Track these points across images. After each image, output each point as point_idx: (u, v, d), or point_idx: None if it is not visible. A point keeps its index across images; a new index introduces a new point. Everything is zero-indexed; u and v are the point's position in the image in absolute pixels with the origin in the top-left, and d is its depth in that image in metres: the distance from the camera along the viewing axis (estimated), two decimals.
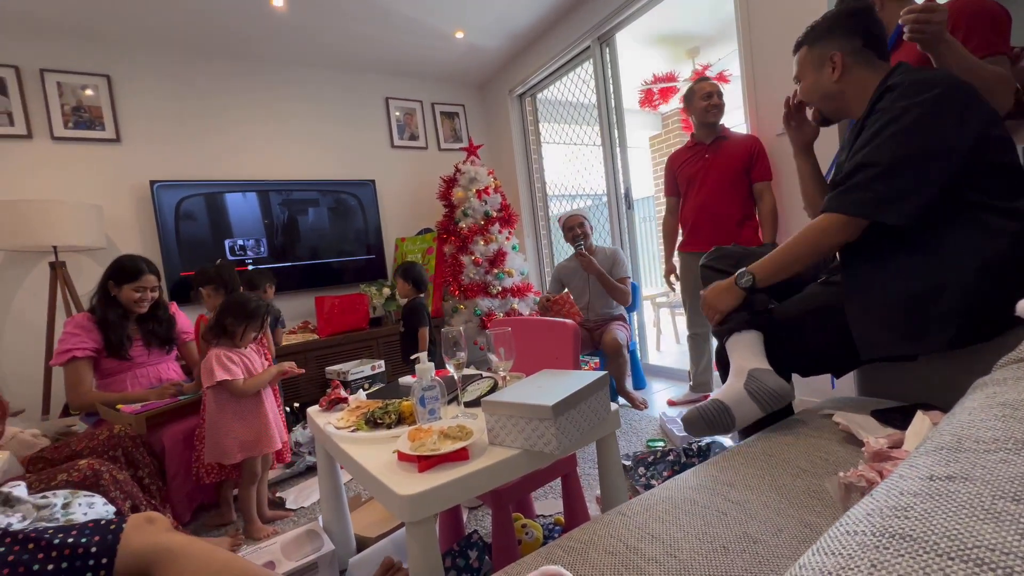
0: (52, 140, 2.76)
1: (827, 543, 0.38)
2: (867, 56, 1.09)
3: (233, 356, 1.67)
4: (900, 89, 0.97)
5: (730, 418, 1.09)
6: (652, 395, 2.79)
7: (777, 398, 1.08)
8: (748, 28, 2.25)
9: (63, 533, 0.87)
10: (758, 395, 1.08)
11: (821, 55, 1.12)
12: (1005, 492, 0.35)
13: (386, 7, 2.88)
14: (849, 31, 1.09)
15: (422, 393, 1.05)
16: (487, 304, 3.26)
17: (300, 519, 1.78)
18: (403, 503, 0.80)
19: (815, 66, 1.14)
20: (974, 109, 0.94)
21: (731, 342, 1.20)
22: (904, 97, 0.96)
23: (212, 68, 3.20)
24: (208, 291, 2.13)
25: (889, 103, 0.98)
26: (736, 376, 1.14)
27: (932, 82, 0.95)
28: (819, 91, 1.15)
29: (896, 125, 0.95)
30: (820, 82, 1.14)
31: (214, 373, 1.60)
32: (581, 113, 3.55)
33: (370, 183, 3.68)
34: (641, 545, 0.74)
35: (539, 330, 1.67)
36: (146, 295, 1.94)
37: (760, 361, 1.14)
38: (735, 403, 1.10)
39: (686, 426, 1.15)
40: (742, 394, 1.10)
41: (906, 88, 0.97)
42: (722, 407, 1.10)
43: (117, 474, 1.42)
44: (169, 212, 2.98)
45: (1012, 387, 0.54)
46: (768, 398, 1.08)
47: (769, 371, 1.11)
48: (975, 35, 1.17)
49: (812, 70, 1.15)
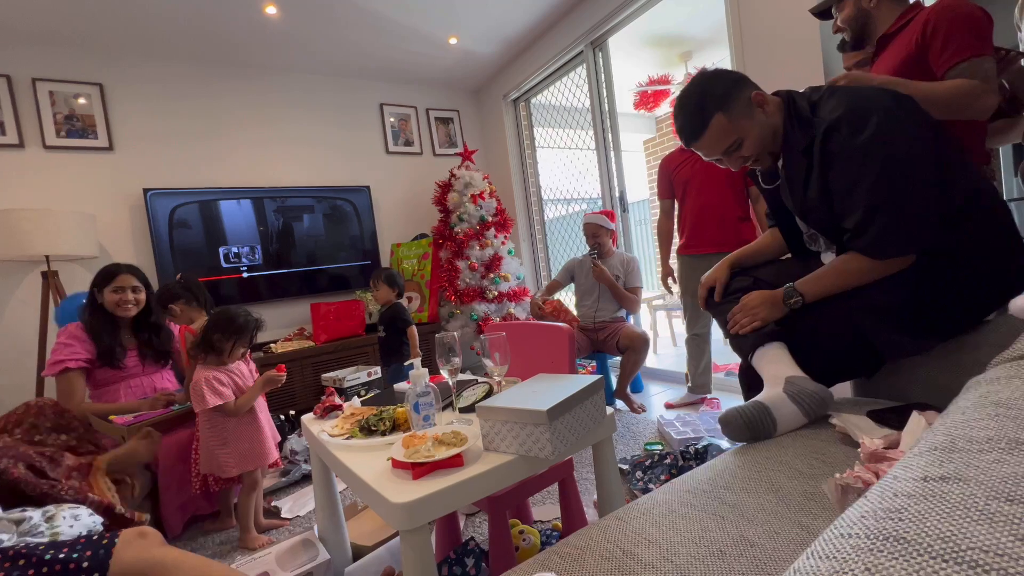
0: (44, 149, 2.75)
1: (822, 547, 0.38)
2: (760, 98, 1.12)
3: (221, 377, 1.62)
4: (844, 128, 1.00)
5: (771, 420, 1.02)
6: (649, 398, 2.78)
7: (819, 401, 1.04)
8: (739, 32, 2.26)
9: (54, 549, 0.86)
10: (800, 398, 1.04)
11: (743, 107, 1.10)
12: (999, 493, 0.35)
13: (380, 14, 2.89)
14: (741, 83, 1.12)
15: (416, 399, 1.05)
16: (483, 309, 3.25)
17: (295, 528, 1.77)
18: (397, 511, 0.79)
19: (745, 119, 1.11)
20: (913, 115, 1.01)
21: (759, 355, 1.17)
22: (854, 134, 0.99)
23: (206, 76, 3.20)
24: (180, 306, 2.01)
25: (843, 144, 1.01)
26: (772, 384, 1.10)
27: (866, 111, 0.99)
28: (767, 131, 1.13)
29: (872, 163, 0.98)
30: (764, 123, 1.12)
31: (204, 399, 1.56)
32: (575, 117, 3.56)
33: (365, 189, 3.67)
34: (638, 550, 0.73)
35: (535, 334, 1.67)
36: (127, 295, 1.89)
37: (795, 369, 1.10)
38: (776, 406, 1.04)
39: (723, 427, 1.07)
40: (783, 397, 1.05)
41: (849, 125, 1.00)
42: (764, 408, 1.03)
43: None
44: (163, 220, 2.96)
45: (1005, 386, 0.54)
46: (811, 401, 1.03)
47: (806, 377, 1.08)
48: (954, 40, 1.18)
49: (746, 123, 1.11)
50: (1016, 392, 0.51)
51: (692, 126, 1.14)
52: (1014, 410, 0.47)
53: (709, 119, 1.10)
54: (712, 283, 1.37)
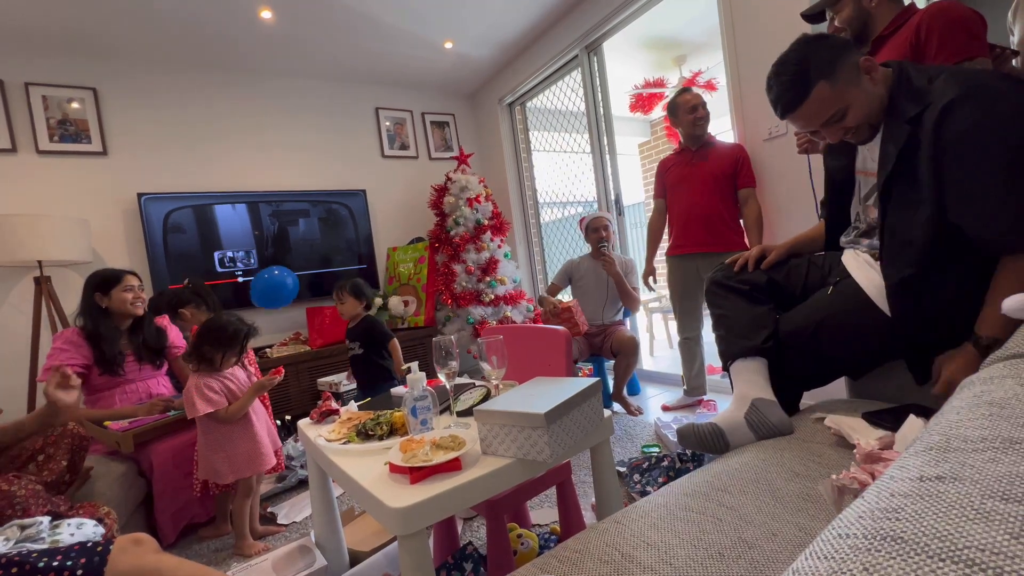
0: (37, 154, 2.73)
1: (820, 547, 0.38)
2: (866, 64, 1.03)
3: (213, 384, 1.61)
4: (966, 108, 0.90)
5: (724, 443, 1.10)
6: (647, 400, 2.78)
7: (776, 432, 1.08)
8: (732, 37, 2.28)
9: (48, 556, 0.85)
10: (758, 427, 1.09)
11: (850, 74, 1.02)
12: (994, 491, 0.35)
13: (375, 19, 2.89)
14: (847, 46, 1.04)
15: (414, 403, 1.04)
16: (480, 312, 3.25)
17: (292, 534, 1.75)
18: (395, 516, 0.79)
19: (854, 85, 1.02)
20: None
21: (737, 367, 1.19)
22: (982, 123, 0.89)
23: (200, 80, 3.19)
24: (190, 311, 2.09)
25: (967, 127, 0.90)
26: (738, 403, 1.13)
27: (993, 92, 0.89)
28: (874, 101, 1.04)
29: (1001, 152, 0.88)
30: (870, 92, 1.03)
31: (195, 406, 1.56)
32: (571, 121, 3.57)
33: (361, 193, 3.67)
34: (636, 553, 0.73)
35: (532, 338, 1.67)
36: (137, 293, 1.95)
37: (765, 391, 1.13)
38: (731, 430, 1.10)
39: (679, 439, 1.16)
40: (740, 423, 1.10)
41: (974, 106, 0.90)
42: (718, 431, 1.10)
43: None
44: (157, 225, 2.95)
45: (998, 385, 0.54)
46: (767, 431, 1.08)
47: (773, 403, 1.11)
48: (949, 42, 1.20)
49: (854, 90, 1.02)
50: (1010, 391, 0.52)
51: (791, 96, 1.04)
52: (1008, 409, 0.48)
53: (811, 88, 1.01)
54: (763, 254, 1.33)
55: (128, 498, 1.72)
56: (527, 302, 3.47)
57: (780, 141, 2.17)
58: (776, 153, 2.20)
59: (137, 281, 1.97)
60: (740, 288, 1.29)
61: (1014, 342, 0.67)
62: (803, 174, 2.07)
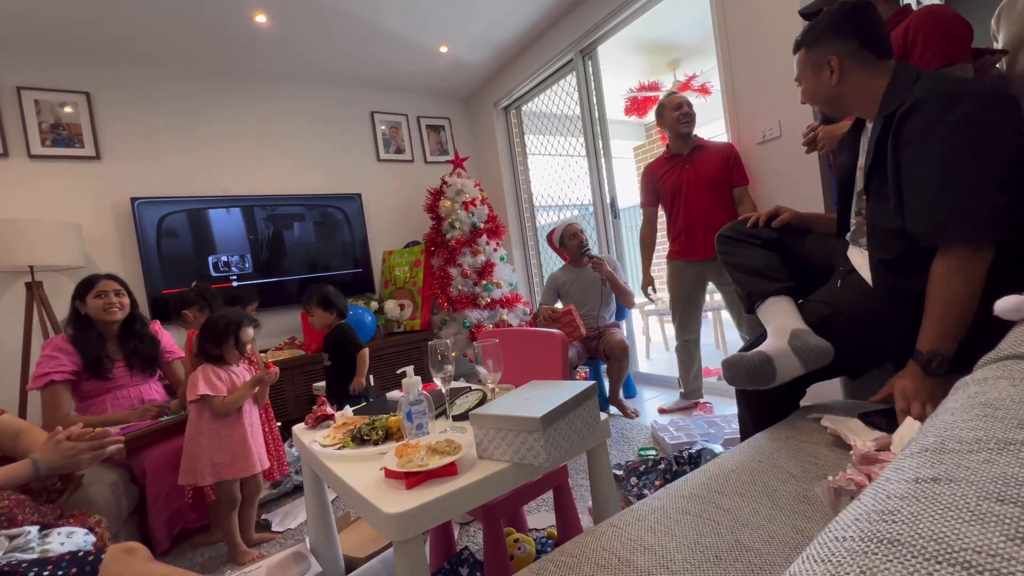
0: (29, 158, 2.71)
1: (817, 550, 0.38)
2: (864, 57, 1.06)
3: (221, 373, 1.66)
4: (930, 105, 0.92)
5: (771, 370, 1.08)
6: (643, 403, 2.78)
7: (821, 355, 1.08)
8: (726, 41, 2.30)
9: (38, 566, 0.84)
10: (802, 351, 1.08)
11: (818, 59, 1.10)
12: (989, 493, 0.35)
13: (370, 23, 2.90)
14: (845, 33, 1.06)
15: (409, 408, 1.04)
16: (476, 316, 3.25)
17: (287, 541, 1.74)
18: (390, 521, 0.78)
19: (814, 69, 1.11)
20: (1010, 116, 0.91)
21: (765, 307, 1.20)
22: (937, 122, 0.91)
23: (194, 83, 3.18)
24: (193, 312, 2.11)
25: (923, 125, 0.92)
26: (777, 335, 1.13)
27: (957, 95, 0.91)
28: (819, 95, 1.14)
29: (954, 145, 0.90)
30: (820, 86, 1.11)
31: (198, 386, 1.59)
32: (565, 124, 3.59)
33: (356, 197, 3.66)
34: (633, 557, 0.73)
35: (528, 341, 1.66)
36: (111, 299, 1.88)
37: (800, 323, 1.13)
38: (778, 356, 1.09)
39: (725, 369, 1.13)
40: (786, 349, 1.09)
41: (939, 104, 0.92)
42: (766, 358, 1.09)
43: None
44: (151, 229, 2.93)
45: (992, 386, 0.54)
46: (812, 354, 1.07)
47: (810, 331, 1.11)
48: (932, 46, 1.23)
49: (811, 73, 1.12)
50: (1004, 392, 0.52)
51: (797, 40, 1.16)
52: (1002, 410, 0.48)
53: (799, 46, 1.15)
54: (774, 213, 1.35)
55: (121, 505, 1.69)
56: (523, 305, 3.46)
57: (774, 144, 2.18)
58: (770, 156, 2.21)
59: (114, 286, 1.90)
60: (752, 240, 1.31)
61: (1007, 343, 0.68)
62: (796, 176, 2.08)
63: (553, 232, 2.86)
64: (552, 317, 2.58)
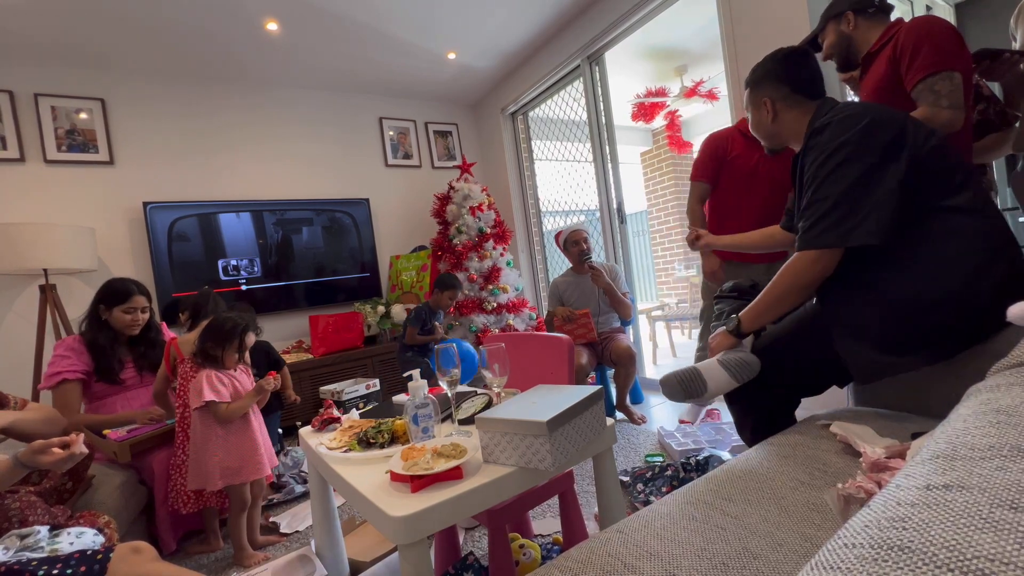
0: (45, 163, 2.76)
1: (826, 557, 0.37)
2: (796, 100, 1.18)
3: (223, 378, 1.65)
4: (830, 129, 1.05)
5: (702, 382, 1.15)
6: (650, 409, 2.77)
7: (746, 367, 1.14)
8: (733, 47, 2.30)
9: (48, 564, 0.85)
10: (728, 364, 1.15)
11: (756, 100, 1.24)
12: (1002, 500, 0.35)
13: (379, 30, 2.93)
14: (778, 78, 1.20)
15: (415, 411, 1.04)
16: (482, 320, 3.25)
17: (293, 544, 1.74)
18: (395, 525, 0.78)
19: (755, 107, 1.26)
20: (901, 131, 1.02)
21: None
22: (836, 135, 1.04)
23: (206, 90, 3.23)
24: (184, 317, 2.12)
25: (824, 141, 1.06)
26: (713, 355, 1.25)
27: (859, 115, 1.04)
28: (760, 130, 1.28)
29: (836, 158, 1.02)
30: (760, 122, 1.26)
31: (203, 393, 1.58)
32: (573, 130, 3.59)
33: (364, 202, 3.69)
34: (639, 563, 0.72)
35: (534, 346, 1.66)
36: (137, 316, 1.92)
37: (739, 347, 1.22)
38: (707, 369, 1.17)
39: (663, 388, 1.21)
40: (713, 363, 1.18)
41: (835, 126, 1.05)
42: (695, 371, 1.17)
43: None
44: (162, 233, 2.97)
45: (1005, 393, 0.54)
46: (737, 366, 1.14)
47: (743, 349, 1.19)
48: (918, 57, 1.24)
49: (753, 110, 1.27)
50: (1017, 399, 0.51)
51: (746, 79, 1.30)
52: (1015, 417, 0.47)
53: (746, 85, 1.29)
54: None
55: (129, 506, 1.71)
56: (529, 310, 3.46)
57: None
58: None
59: (143, 303, 1.94)
60: (731, 296, 1.42)
61: (1021, 349, 0.67)
62: None
63: (560, 233, 2.86)
64: (570, 317, 2.57)
